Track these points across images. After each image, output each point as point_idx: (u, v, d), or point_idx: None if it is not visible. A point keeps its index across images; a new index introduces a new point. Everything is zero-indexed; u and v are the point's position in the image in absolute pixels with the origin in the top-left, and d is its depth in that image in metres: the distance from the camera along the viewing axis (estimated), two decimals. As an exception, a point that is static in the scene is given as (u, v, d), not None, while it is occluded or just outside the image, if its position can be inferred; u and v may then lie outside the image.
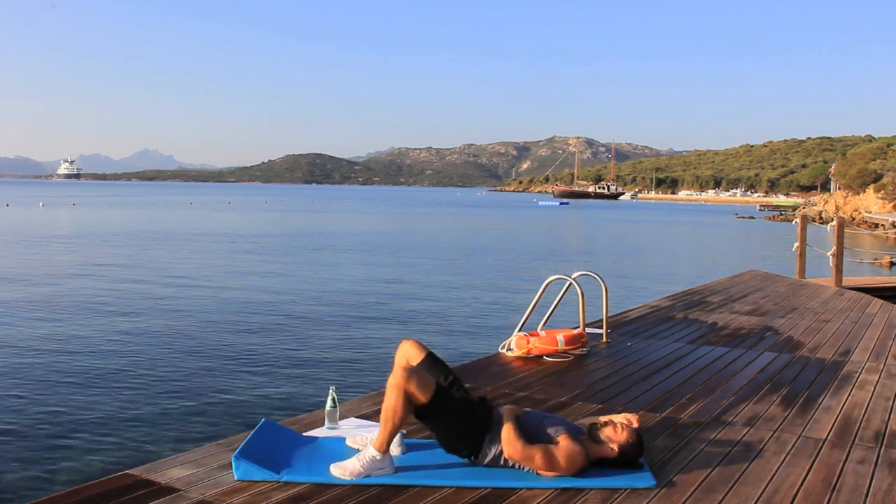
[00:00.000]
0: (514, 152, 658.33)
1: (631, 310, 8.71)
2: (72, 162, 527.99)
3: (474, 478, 3.33)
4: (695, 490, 3.28)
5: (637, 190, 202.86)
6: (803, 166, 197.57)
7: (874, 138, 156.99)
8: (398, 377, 3.34)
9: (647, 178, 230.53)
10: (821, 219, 49.38)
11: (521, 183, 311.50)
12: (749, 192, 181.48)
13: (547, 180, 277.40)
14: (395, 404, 3.31)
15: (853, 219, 50.27)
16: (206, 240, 30.80)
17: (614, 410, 4.46)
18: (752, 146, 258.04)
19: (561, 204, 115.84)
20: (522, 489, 3.23)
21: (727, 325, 7.82)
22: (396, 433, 3.41)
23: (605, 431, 3.50)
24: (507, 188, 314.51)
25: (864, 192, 62.94)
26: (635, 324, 7.73)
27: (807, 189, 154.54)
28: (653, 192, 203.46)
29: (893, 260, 22.75)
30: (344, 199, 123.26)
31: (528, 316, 6.56)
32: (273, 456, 3.45)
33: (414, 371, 3.39)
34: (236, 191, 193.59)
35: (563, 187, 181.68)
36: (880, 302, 9.70)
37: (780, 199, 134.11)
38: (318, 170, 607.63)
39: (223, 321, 12.29)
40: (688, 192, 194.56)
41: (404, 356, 3.73)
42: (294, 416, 4.40)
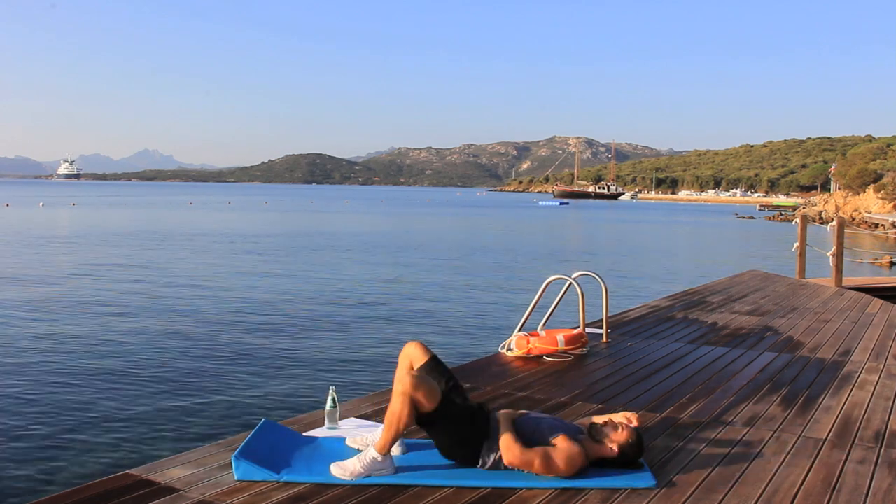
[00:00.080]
0: (514, 152, 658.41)
1: (631, 310, 8.72)
2: (72, 162, 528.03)
3: (474, 478, 3.33)
4: (695, 490, 3.28)
5: (637, 190, 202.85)
6: (803, 166, 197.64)
7: (874, 138, 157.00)
8: (406, 384, 3.29)
9: (647, 178, 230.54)
10: (821, 219, 49.38)
11: (521, 183, 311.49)
12: (749, 192, 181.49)
13: (547, 180, 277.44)
14: (401, 411, 3.27)
15: (853, 219, 50.28)
16: (207, 240, 30.80)
17: (614, 410, 4.46)
18: (752, 146, 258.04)
19: (561, 204, 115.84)
20: (522, 489, 3.24)
21: (727, 325, 7.82)
22: (399, 438, 3.39)
23: (604, 431, 3.50)
24: (507, 188, 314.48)
25: (864, 192, 62.95)
26: (635, 324, 7.73)
27: (807, 189, 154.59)
28: (653, 192, 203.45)
29: (893, 260, 22.75)
30: (344, 199, 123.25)
31: (528, 316, 6.57)
32: (273, 456, 3.45)
33: (422, 379, 3.35)
34: (236, 191, 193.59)
35: (563, 187, 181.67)
36: (880, 302, 9.71)
37: (780, 199, 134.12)
38: (318, 170, 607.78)
39: (223, 321, 12.29)
40: (688, 192, 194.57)
41: (408, 358, 3.72)
42: (294, 416, 4.41)
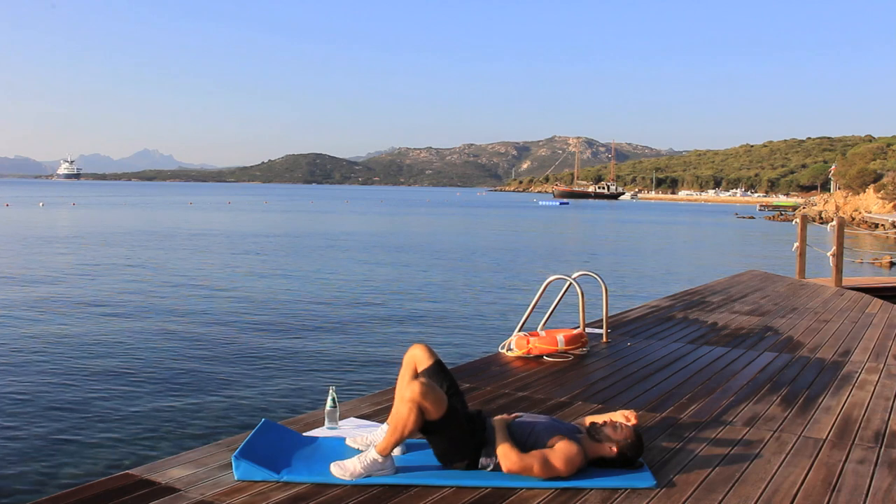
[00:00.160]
0: (514, 152, 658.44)
1: (631, 310, 8.72)
2: (72, 162, 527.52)
3: (474, 478, 3.33)
4: (695, 490, 3.28)
5: (637, 190, 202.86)
6: (803, 166, 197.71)
7: (874, 138, 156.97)
8: (416, 391, 3.25)
9: (647, 178, 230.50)
10: (821, 219, 49.39)
11: (521, 183, 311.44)
12: (749, 192, 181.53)
13: (547, 180, 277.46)
14: (408, 417, 3.25)
15: (853, 219, 50.29)
16: (206, 240, 30.80)
17: (614, 410, 4.45)
18: (752, 146, 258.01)
19: (561, 204, 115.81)
20: (522, 489, 3.24)
21: (727, 325, 7.82)
22: (402, 442, 3.38)
23: (604, 431, 3.50)
24: (507, 188, 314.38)
25: (864, 192, 62.94)
26: (635, 324, 7.73)
27: (807, 189, 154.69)
28: (653, 192, 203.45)
29: (893, 260, 22.75)
30: (344, 199, 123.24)
31: (528, 316, 6.57)
32: (273, 456, 3.45)
33: (432, 387, 3.31)
34: (236, 191, 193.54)
35: (563, 187, 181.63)
36: (880, 302, 9.71)
37: (780, 199, 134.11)
38: (318, 170, 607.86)
39: (223, 321, 12.29)
40: (688, 192, 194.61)
41: (413, 360, 3.71)
42: (294, 416, 4.41)
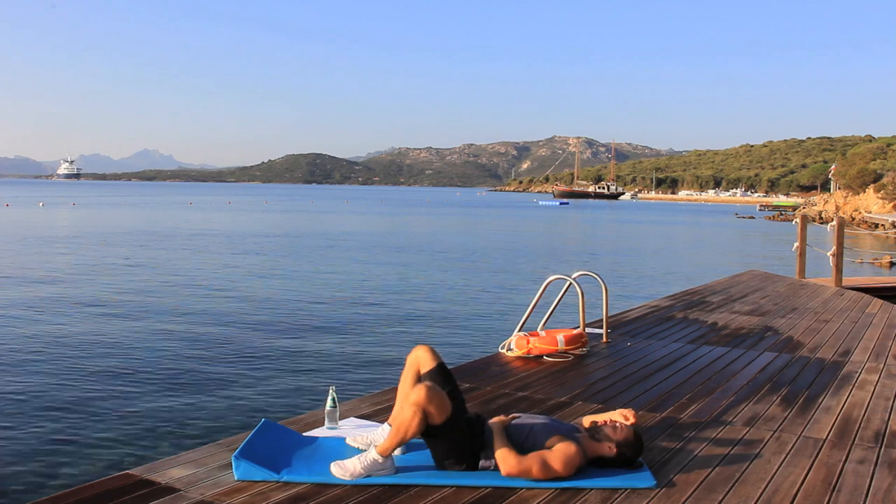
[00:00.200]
0: (514, 152, 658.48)
1: (631, 310, 8.72)
2: (72, 162, 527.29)
3: (474, 477, 3.33)
4: (695, 490, 3.28)
5: (637, 190, 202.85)
6: (803, 166, 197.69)
7: (874, 138, 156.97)
8: (421, 395, 3.24)
9: (647, 178, 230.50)
10: (821, 219, 49.39)
11: (521, 183, 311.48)
12: (749, 192, 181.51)
13: (547, 180, 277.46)
14: (412, 421, 3.23)
15: (853, 219, 50.29)
16: (206, 240, 30.80)
17: (613, 410, 4.45)
18: (752, 146, 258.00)
19: (561, 204, 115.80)
20: (522, 489, 3.24)
21: (727, 325, 7.82)
22: (403, 445, 3.37)
23: (604, 430, 3.50)
24: (507, 188, 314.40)
25: (864, 192, 62.94)
26: (635, 324, 7.73)
27: (807, 189, 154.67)
28: (653, 192, 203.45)
29: (893, 260, 22.75)
30: (344, 199, 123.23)
31: (528, 316, 6.57)
32: (273, 456, 3.45)
33: (438, 392, 3.30)
34: (236, 191, 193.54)
35: (563, 187, 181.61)
36: (880, 302, 9.71)
37: (780, 199, 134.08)
38: (318, 170, 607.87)
39: (223, 321, 12.29)
40: (688, 192, 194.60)
41: (416, 361, 3.70)
42: (294, 416, 4.41)
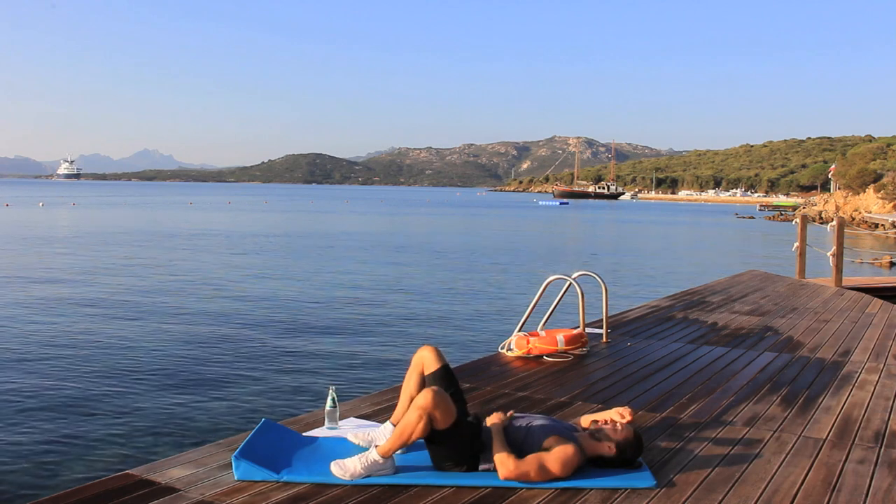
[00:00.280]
0: (514, 152, 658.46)
1: (631, 310, 8.72)
2: (72, 162, 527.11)
3: (474, 478, 3.33)
4: (695, 490, 3.28)
5: (637, 190, 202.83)
6: (803, 166, 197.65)
7: (874, 138, 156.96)
8: (428, 400, 3.24)
9: (647, 178, 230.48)
10: (821, 219, 49.39)
11: (521, 183, 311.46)
12: (749, 192, 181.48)
13: (547, 180, 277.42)
14: (416, 424, 3.24)
15: (853, 219, 50.28)
16: (206, 240, 30.80)
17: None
18: (752, 146, 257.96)
19: (561, 204, 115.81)
20: (522, 489, 3.24)
21: (727, 325, 7.82)
22: (405, 447, 3.37)
23: (604, 430, 3.50)
24: (507, 188, 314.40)
25: (864, 192, 62.93)
26: (635, 324, 7.73)
27: (807, 189, 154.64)
28: (653, 192, 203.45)
29: (893, 260, 22.75)
30: (344, 199, 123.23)
31: (528, 316, 6.57)
32: (273, 456, 3.45)
33: (444, 397, 3.30)
34: (236, 191, 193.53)
35: (563, 187, 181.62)
36: (880, 302, 9.71)
37: (780, 199, 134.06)
38: (318, 170, 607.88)
39: (223, 321, 12.29)
40: (688, 192, 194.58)
41: (421, 362, 3.71)
42: (294, 416, 4.41)
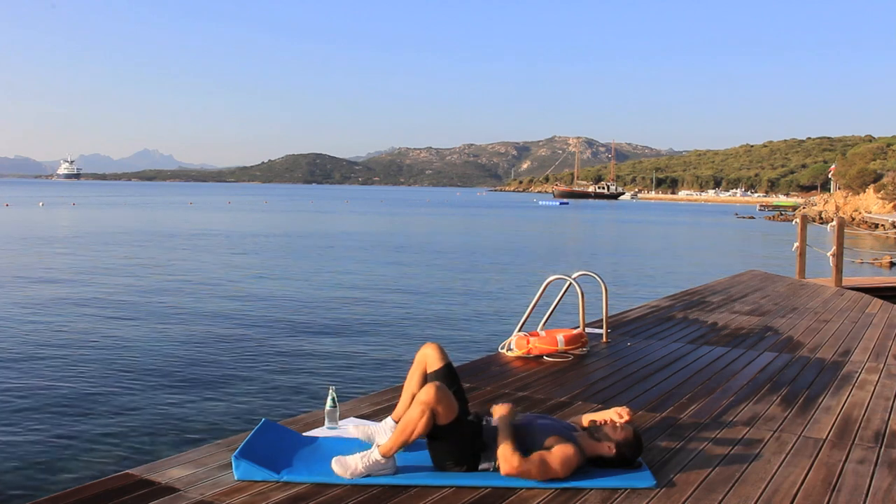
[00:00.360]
0: (514, 152, 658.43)
1: (631, 310, 8.72)
2: (72, 162, 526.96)
3: (474, 478, 3.33)
4: (695, 490, 3.28)
5: (637, 190, 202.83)
6: (803, 166, 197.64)
7: (874, 138, 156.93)
8: (431, 395, 3.22)
9: (647, 178, 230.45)
10: (821, 219, 49.38)
11: (521, 183, 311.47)
12: (749, 192, 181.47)
13: (547, 180, 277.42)
14: (418, 420, 3.21)
15: (853, 219, 50.28)
16: (206, 240, 30.80)
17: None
18: (752, 146, 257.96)
19: (561, 204, 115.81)
20: (522, 489, 3.24)
21: (727, 325, 7.82)
22: (407, 445, 3.34)
23: (604, 430, 3.50)
24: (507, 188, 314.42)
25: (864, 192, 62.92)
26: (635, 324, 7.73)
27: (807, 189, 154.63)
28: (653, 192, 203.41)
29: (893, 260, 22.76)
30: (344, 199, 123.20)
31: (528, 316, 6.57)
32: (273, 456, 3.45)
33: (446, 392, 3.28)
34: (236, 191, 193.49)
35: (563, 187, 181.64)
36: (880, 302, 9.71)
37: (780, 199, 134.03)
38: (318, 170, 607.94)
39: (223, 321, 12.29)
40: (688, 192, 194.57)
41: (424, 359, 3.70)
42: (294, 416, 4.41)
